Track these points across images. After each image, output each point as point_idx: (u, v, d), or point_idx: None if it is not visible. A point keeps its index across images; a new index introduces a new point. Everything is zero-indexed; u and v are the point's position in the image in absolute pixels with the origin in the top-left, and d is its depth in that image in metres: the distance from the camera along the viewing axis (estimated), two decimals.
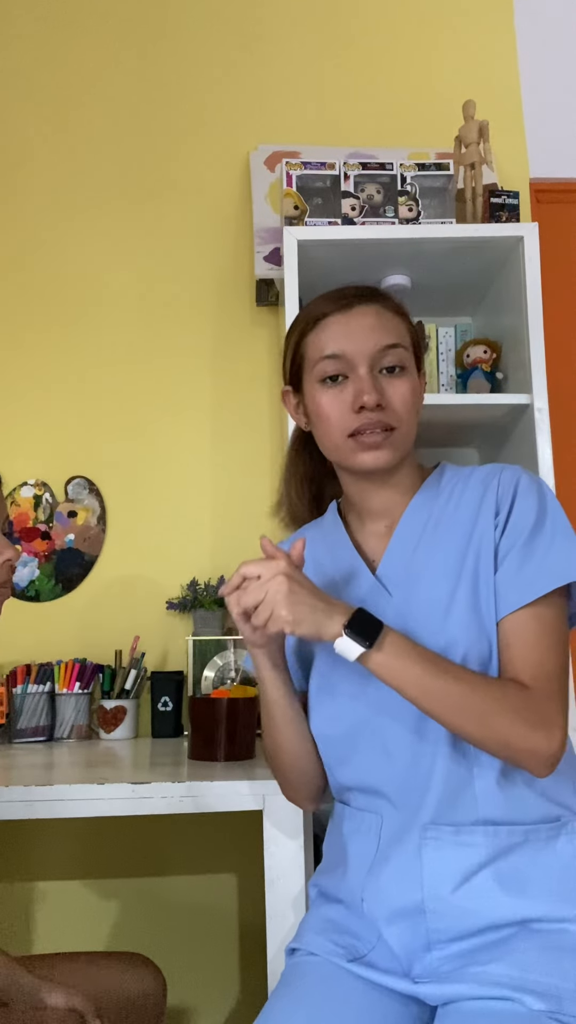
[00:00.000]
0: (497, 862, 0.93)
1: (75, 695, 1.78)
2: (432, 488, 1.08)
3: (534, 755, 0.88)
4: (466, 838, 0.94)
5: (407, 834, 0.96)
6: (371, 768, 1.01)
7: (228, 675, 1.78)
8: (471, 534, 1.00)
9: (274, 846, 1.18)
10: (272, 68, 2.21)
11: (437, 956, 0.93)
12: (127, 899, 1.90)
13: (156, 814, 1.19)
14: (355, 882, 1.00)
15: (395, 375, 1.03)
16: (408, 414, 1.04)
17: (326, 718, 1.06)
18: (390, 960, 0.95)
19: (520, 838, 0.94)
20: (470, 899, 0.92)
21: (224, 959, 1.89)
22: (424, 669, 0.90)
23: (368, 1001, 0.93)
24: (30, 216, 2.13)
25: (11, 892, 1.89)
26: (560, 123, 2.26)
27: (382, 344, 1.03)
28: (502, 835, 0.94)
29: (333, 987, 0.94)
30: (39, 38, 2.19)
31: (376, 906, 0.97)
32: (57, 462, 2.03)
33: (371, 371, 1.03)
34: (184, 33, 2.21)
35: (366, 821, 1.02)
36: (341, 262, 1.79)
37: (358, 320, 1.04)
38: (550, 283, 1.90)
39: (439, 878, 0.93)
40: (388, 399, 1.02)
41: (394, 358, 1.03)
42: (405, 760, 0.98)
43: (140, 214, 2.14)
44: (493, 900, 0.92)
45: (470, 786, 0.95)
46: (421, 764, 0.97)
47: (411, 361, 1.07)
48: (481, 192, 1.78)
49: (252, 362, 2.09)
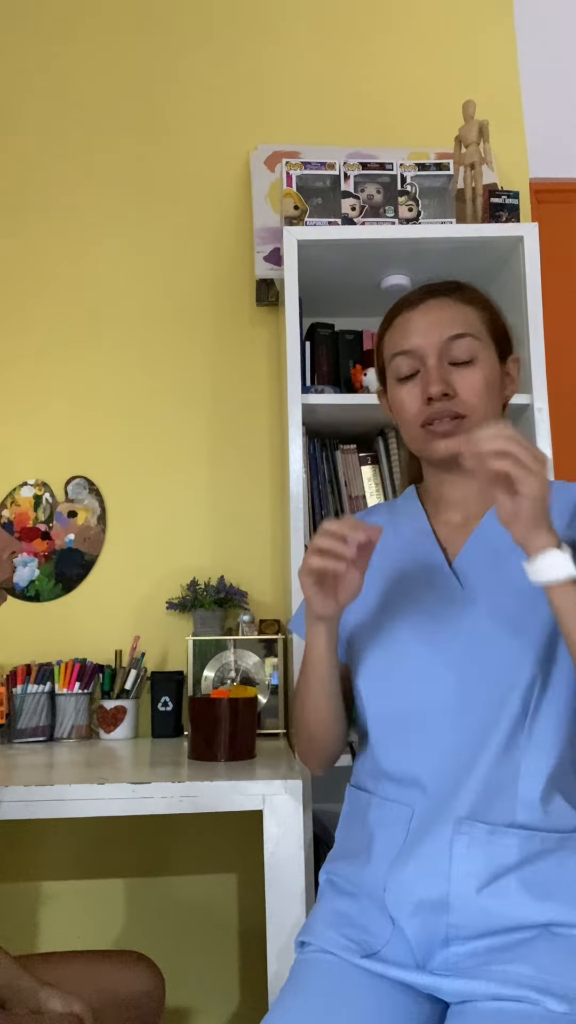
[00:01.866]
0: (525, 866, 0.93)
1: (75, 695, 1.78)
2: None
3: None
4: (499, 839, 0.93)
5: (439, 826, 0.96)
6: (418, 756, 1.00)
7: (228, 675, 1.78)
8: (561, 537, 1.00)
9: (274, 846, 1.18)
10: (272, 68, 2.21)
11: (455, 951, 0.93)
12: (127, 899, 1.90)
13: (156, 814, 1.19)
14: (378, 872, 0.99)
15: (465, 366, 1.05)
16: (480, 402, 1.04)
17: (385, 699, 1.05)
18: (404, 954, 0.95)
19: (552, 845, 0.94)
20: (495, 900, 0.92)
21: (224, 959, 1.89)
22: None
23: (378, 999, 0.92)
24: (30, 216, 2.13)
25: (11, 892, 1.89)
26: (560, 123, 2.26)
27: (447, 335, 1.05)
28: (535, 841, 0.94)
29: (343, 985, 0.94)
30: (38, 39, 2.19)
31: (399, 896, 0.96)
32: (57, 462, 2.04)
33: (440, 362, 1.05)
34: (184, 33, 2.21)
35: (395, 812, 1.01)
36: (341, 262, 1.79)
37: (425, 315, 1.07)
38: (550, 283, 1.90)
39: (467, 874, 0.93)
40: (458, 389, 1.04)
41: (463, 349, 1.05)
42: (451, 752, 0.98)
43: (140, 214, 2.14)
44: (517, 903, 0.92)
45: (512, 789, 0.95)
46: (466, 759, 0.97)
47: (485, 350, 1.07)
48: (481, 192, 1.78)
49: (252, 362, 2.09)
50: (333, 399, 1.70)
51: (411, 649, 1.03)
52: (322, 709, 1.09)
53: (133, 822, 1.89)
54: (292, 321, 1.67)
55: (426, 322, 1.06)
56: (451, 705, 0.99)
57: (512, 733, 0.96)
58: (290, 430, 1.64)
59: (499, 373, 1.09)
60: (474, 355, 1.05)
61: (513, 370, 1.11)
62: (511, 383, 1.12)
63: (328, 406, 1.71)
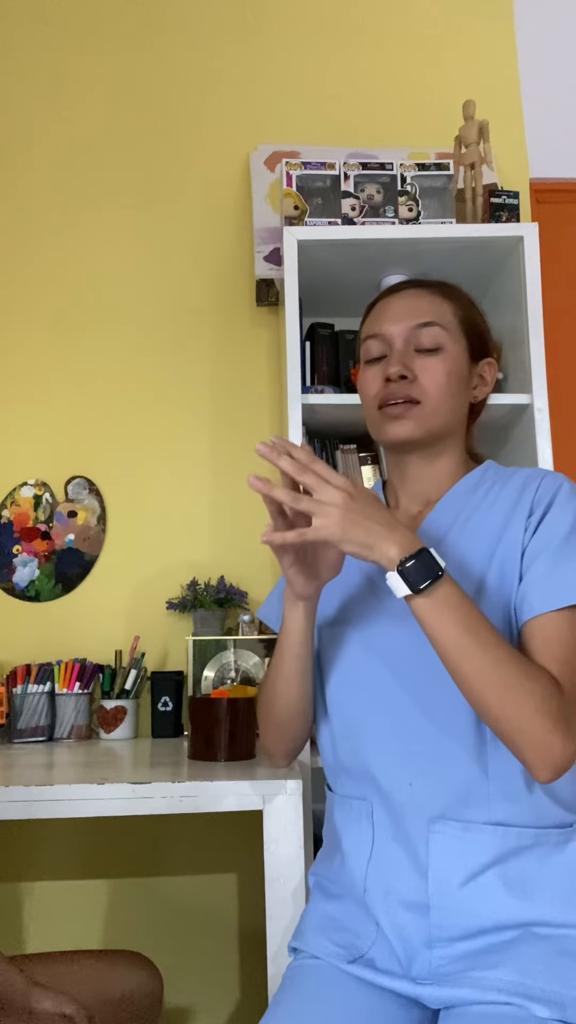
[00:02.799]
0: (504, 863, 0.92)
1: (75, 695, 1.78)
2: (472, 481, 1.06)
3: (544, 751, 0.84)
4: (475, 835, 0.93)
5: (414, 826, 0.95)
6: (379, 750, 0.99)
7: (228, 675, 1.78)
8: (502, 532, 0.98)
9: (274, 846, 1.18)
10: (272, 68, 2.21)
11: (438, 955, 0.92)
12: (127, 899, 1.90)
13: (156, 814, 1.19)
14: (356, 872, 0.99)
15: (430, 354, 1.04)
16: (438, 391, 1.03)
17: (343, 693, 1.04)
18: (390, 958, 0.95)
19: (530, 841, 0.93)
20: (475, 897, 0.91)
21: (224, 959, 1.89)
22: (465, 628, 0.86)
23: (369, 1005, 0.92)
24: (30, 216, 2.13)
25: (11, 892, 1.89)
26: (560, 123, 2.26)
27: (416, 322, 1.05)
28: (511, 837, 0.92)
29: (333, 993, 0.93)
30: (38, 39, 2.19)
31: (378, 898, 0.96)
32: (57, 462, 2.04)
33: (405, 347, 1.05)
34: (184, 33, 2.21)
35: (355, 808, 1.01)
36: (341, 262, 1.79)
37: (400, 302, 1.08)
38: (550, 283, 1.90)
39: (446, 873, 0.92)
40: (418, 373, 1.03)
41: (429, 337, 1.04)
42: (421, 749, 0.96)
43: (140, 214, 2.14)
44: (498, 901, 0.91)
45: (484, 785, 0.93)
46: (438, 756, 0.95)
47: (453, 343, 1.06)
48: (481, 192, 1.78)
49: (252, 362, 2.09)
50: (333, 399, 1.70)
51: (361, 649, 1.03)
52: (293, 692, 1.06)
53: (133, 822, 1.89)
54: (292, 321, 1.67)
55: (399, 309, 1.07)
56: (407, 703, 0.97)
57: (476, 730, 0.94)
58: (290, 430, 1.64)
59: (467, 370, 1.07)
60: (440, 344, 1.05)
61: (488, 373, 1.10)
62: (482, 385, 1.10)
63: (328, 406, 1.71)
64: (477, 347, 1.09)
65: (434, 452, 1.07)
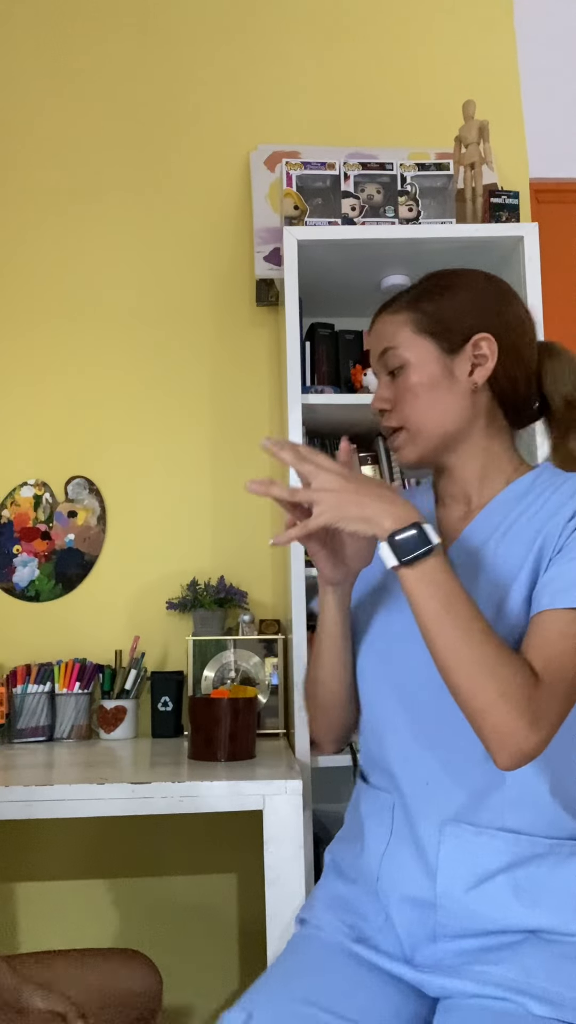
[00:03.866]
0: (515, 870, 0.92)
1: (75, 695, 1.78)
2: (521, 487, 1.03)
3: (506, 738, 0.84)
4: (487, 841, 0.93)
5: (427, 826, 0.96)
6: (398, 747, 1.00)
7: (228, 675, 1.78)
8: (539, 534, 0.96)
9: (274, 846, 1.18)
10: (272, 68, 2.21)
11: (442, 948, 0.94)
12: (127, 899, 1.90)
13: (156, 814, 1.19)
14: (372, 863, 1.01)
15: (398, 375, 1.04)
16: (412, 410, 1.02)
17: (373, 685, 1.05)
18: (394, 944, 0.97)
19: (543, 850, 0.93)
20: (482, 902, 0.92)
21: (224, 959, 1.89)
22: (446, 604, 0.87)
23: (367, 982, 0.94)
24: (30, 216, 2.13)
25: (11, 892, 1.89)
26: (560, 123, 2.26)
27: (377, 352, 1.06)
28: (524, 844, 0.93)
29: (333, 963, 0.96)
30: (38, 39, 2.19)
31: (389, 890, 0.98)
32: (57, 462, 2.04)
33: (382, 379, 1.07)
34: (184, 33, 2.21)
35: (380, 800, 1.02)
36: (341, 262, 1.79)
37: (369, 335, 1.09)
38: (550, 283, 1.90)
39: (454, 876, 0.93)
40: (396, 399, 1.04)
41: (392, 361, 1.04)
42: (438, 749, 0.97)
43: (140, 214, 2.14)
44: (505, 907, 0.91)
45: (500, 792, 0.94)
46: (455, 757, 0.95)
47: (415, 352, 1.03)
48: (481, 192, 1.78)
49: (252, 362, 2.09)
50: (333, 399, 1.70)
51: (386, 645, 1.04)
52: (330, 676, 1.08)
53: (133, 822, 1.89)
54: (292, 321, 1.67)
55: (371, 342, 1.09)
56: (427, 701, 0.98)
57: None
58: (290, 430, 1.65)
59: (443, 367, 1.02)
60: (400, 363, 1.03)
61: (484, 348, 1.02)
62: (481, 364, 1.02)
63: (328, 406, 1.71)
64: (450, 336, 1.03)
65: (454, 456, 1.05)
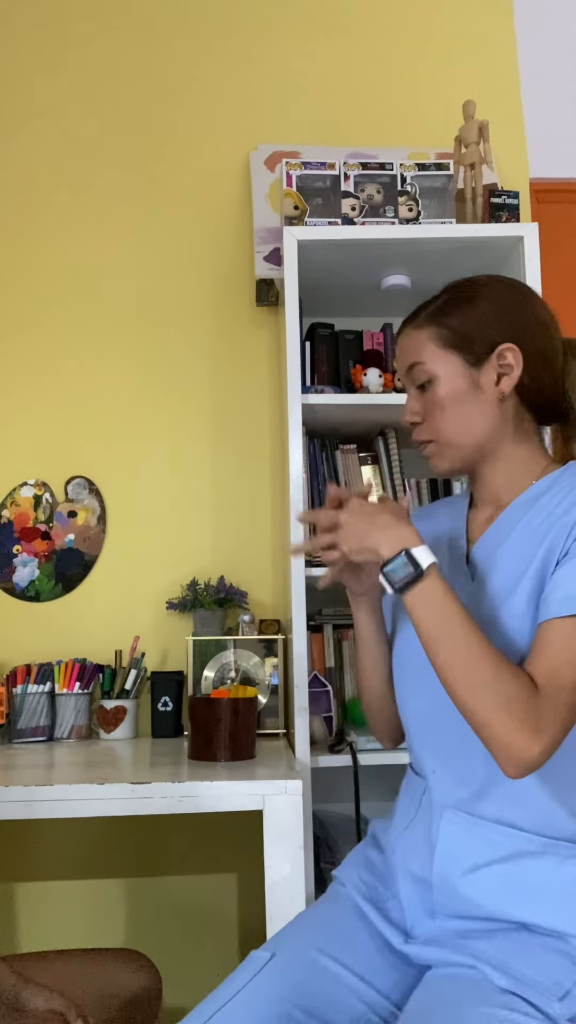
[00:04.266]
0: (509, 863, 0.94)
1: (75, 695, 1.78)
2: (540, 488, 1.04)
3: (508, 749, 0.86)
4: (483, 832, 0.96)
5: (434, 811, 1.01)
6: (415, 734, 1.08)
7: (228, 675, 1.78)
8: (546, 536, 0.98)
9: (274, 846, 1.18)
10: (272, 68, 2.21)
11: (439, 925, 0.99)
12: (127, 899, 1.90)
13: (156, 814, 1.19)
14: (394, 836, 1.08)
15: (426, 389, 1.08)
16: (442, 422, 1.06)
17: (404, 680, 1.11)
18: (398, 915, 1.03)
19: (539, 848, 0.94)
20: (474, 889, 0.96)
21: (224, 959, 1.89)
22: (442, 624, 0.92)
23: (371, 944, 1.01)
24: (29, 215, 2.13)
25: (10, 892, 1.89)
26: (560, 123, 2.26)
27: (405, 366, 1.10)
28: (520, 840, 0.94)
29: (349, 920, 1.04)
30: (37, 38, 2.19)
31: (399, 863, 1.05)
32: (57, 462, 2.04)
33: (411, 392, 1.11)
34: (184, 33, 2.21)
35: (415, 784, 1.08)
36: (341, 262, 1.79)
37: (397, 347, 1.14)
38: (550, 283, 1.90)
39: (448, 860, 0.98)
40: (425, 412, 1.09)
41: (419, 375, 1.08)
42: (445, 739, 1.02)
43: (140, 214, 2.14)
44: (497, 897, 0.94)
45: (500, 786, 0.96)
46: (459, 749, 1.00)
47: (442, 366, 1.05)
48: (481, 192, 1.78)
49: (252, 362, 2.09)
50: (333, 399, 1.70)
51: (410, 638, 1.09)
52: (371, 678, 1.16)
53: (133, 822, 1.89)
54: (292, 321, 1.67)
55: (398, 356, 1.13)
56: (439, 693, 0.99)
57: None
58: (290, 430, 1.65)
59: (470, 380, 1.05)
60: (429, 377, 1.06)
61: (509, 358, 1.04)
62: (508, 374, 1.04)
63: (328, 406, 1.71)
64: (476, 350, 1.05)
65: (485, 463, 1.07)
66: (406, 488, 1.83)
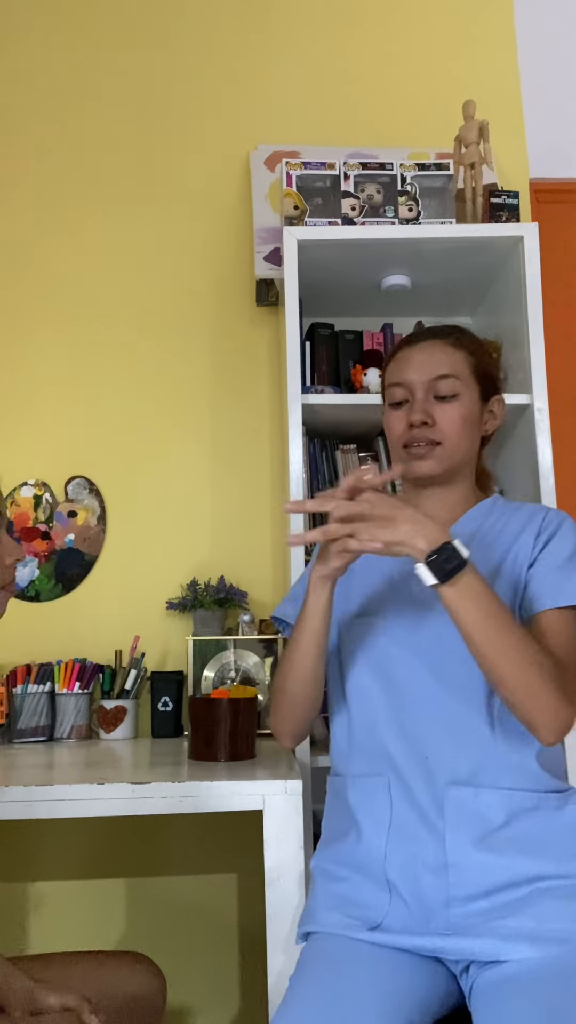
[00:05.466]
0: (512, 823, 1.03)
1: (75, 695, 1.78)
2: (485, 507, 1.23)
3: (551, 715, 0.98)
4: (486, 798, 1.04)
5: (430, 794, 1.05)
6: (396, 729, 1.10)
7: (228, 675, 1.78)
8: (511, 547, 1.15)
9: (274, 846, 1.18)
10: (272, 68, 2.21)
11: (455, 912, 1.00)
12: (127, 899, 1.90)
13: (156, 814, 1.19)
14: (375, 844, 1.07)
15: (447, 401, 1.20)
16: (455, 433, 1.19)
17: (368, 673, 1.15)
18: (407, 920, 1.02)
19: (532, 803, 1.04)
20: (489, 857, 1.01)
21: (224, 959, 1.89)
22: (488, 613, 0.98)
23: (393, 968, 0.98)
24: (30, 215, 2.13)
25: (11, 892, 1.89)
26: (560, 123, 2.26)
27: (435, 374, 1.20)
28: (517, 799, 1.04)
29: (355, 962, 0.98)
30: (40, 38, 2.19)
31: (400, 863, 1.04)
32: (57, 462, 2.04)
33: (426, 396, 1.20)
34: (184, 33, 2.21)
35: (371, 784, 1.10)
36: (341, 262, 1.79)
37: (421, 353, 1.22)
38: (550, 283, 1.90)
39: (461, 833, 1.02)
40: (437, 419, 1.19)
41: (446, 387, 1.19)
42: (439, 727, 1.08)
43: (140, 214, 2.14)
44: (508, 858, 1.01)
45: (494, 756, 1.05)
46: (454, 732, 1.07)
47: (467, 390, 1.21)
48: (481, 192, 1.78)
49: (252, 362, 2.09)
50: (333, 399, 1.70)
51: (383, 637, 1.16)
52: (308, 667, 1.16)
53: (133, 822, 1.89)
54: (292, 321, 1.67)
55: (420, 360, 1.21)
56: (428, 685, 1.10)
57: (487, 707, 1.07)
58: (290, 430, 1.64)
59: (479, 411, 1.23)
60: (456, 393, 1.20)
61: (497, 408, 1.26)
62: (492, 419, 1.26)
63: (328, 406, 1.71)
64: (487, 388, 1.24)
65: (450, 483, 1.22)
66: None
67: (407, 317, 2.03)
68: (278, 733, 1.24)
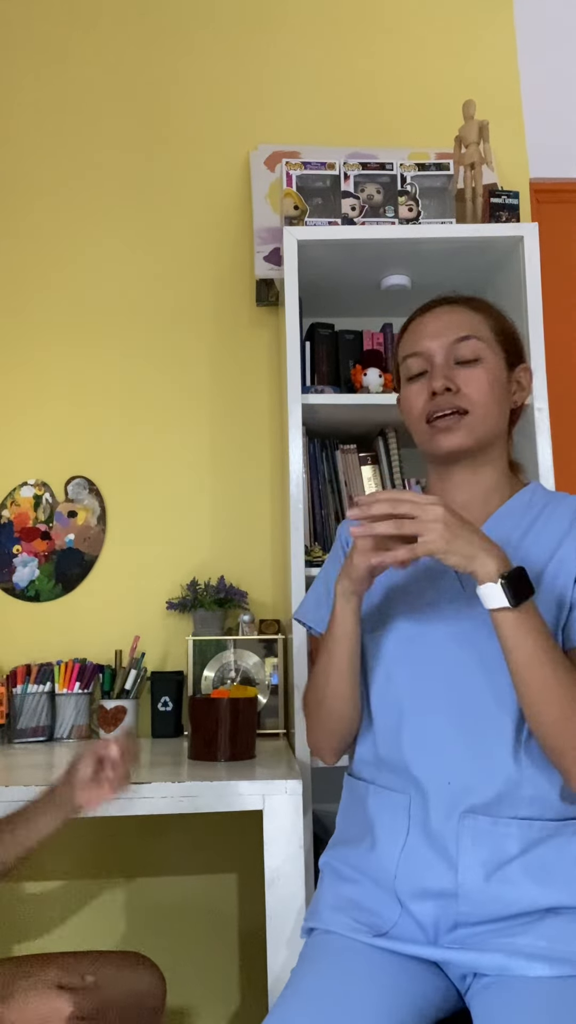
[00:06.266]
0: (527, 854, 0.97)
1: (75, 695, 1.78)
2: (524, 499, 1.10)
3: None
4: (503, 829, 0.98)
5: (446, 820, 1.00)
6: (419, 749, 1.03)
7: (228, 675, 1.78)
8: (555, 552, 1.02)
9: (274, 846, 1.18)
10: (272, 68, 2.21)
11: (463, 933, 0.97)
12: (127, 899, 1.90)
13: (156, 814, 1.19)
14: (387, 859, 1.03)
15: (471, 365, 1.08)
16: (484, 400, 1.07)
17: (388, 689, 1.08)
18: (414, 932, 0.99)
19: (549, 832, 0.98)
20: (501, 888, 0.96)
21: (224, 959, 1.89)
22: (542, 645, 0.92)
23: (393, 973, 0.96)
24: (31, 215, 2.13)
25: (11, 892, 1.89)
26: (560, 123, 2.26)
27: (454, 337, 1.08)
28: (535, 829, 0.98)
29: (356, 963, 0.97)
30: (39, 39, 2.19)
31: (410, 885, 1.00)
32: (57, 462, 2.04)
33: (446, 361, 1.08)
34: (184, 33, 2.21)
35: (393, 800, 1.05)
36: (341, 262, 1.79)
37: (436, 319, 1.11)
38: (550, 283, 1.90)
39: (474, 865, 0.97)
40: (461, 385, 1.07)
41: (468, 349, 1.08)
42: (462, 750, 1.01)
43: (140, 214, 2.14)
44: (522, 889, 0.96)
45: (517, 786, 0.98)
46: (479, 757, 1.00)
47: (491, 353, 1.09)
48: (481, 192, 1.78)
49: (252, 362, 2.09)
50: (333, 399, 1.70)
51: (406, 652, 1.07)
52: (346, 686, 1.09)
53: (133, 822, 1.89)
54: (292, 321, 1.67)
55: (436, 325, 1.10)
56: (452, 705, 1.02)
57: (515, 734, 0.99)
58: (290, 430, 1.64)
59: (506, 378, 1.11)
60: (479, 355, 1.08)
61: (524, 379, 1.13)
62: (520, 390, 1.13)
63: (328, 406, 1.71)
64: (513, 355, 1.12)
65: (480, 462, 1.10)
66: (406, 488, 1.83)
67: (407, 317, 2.03)
68: (320, 750, 1.16)
